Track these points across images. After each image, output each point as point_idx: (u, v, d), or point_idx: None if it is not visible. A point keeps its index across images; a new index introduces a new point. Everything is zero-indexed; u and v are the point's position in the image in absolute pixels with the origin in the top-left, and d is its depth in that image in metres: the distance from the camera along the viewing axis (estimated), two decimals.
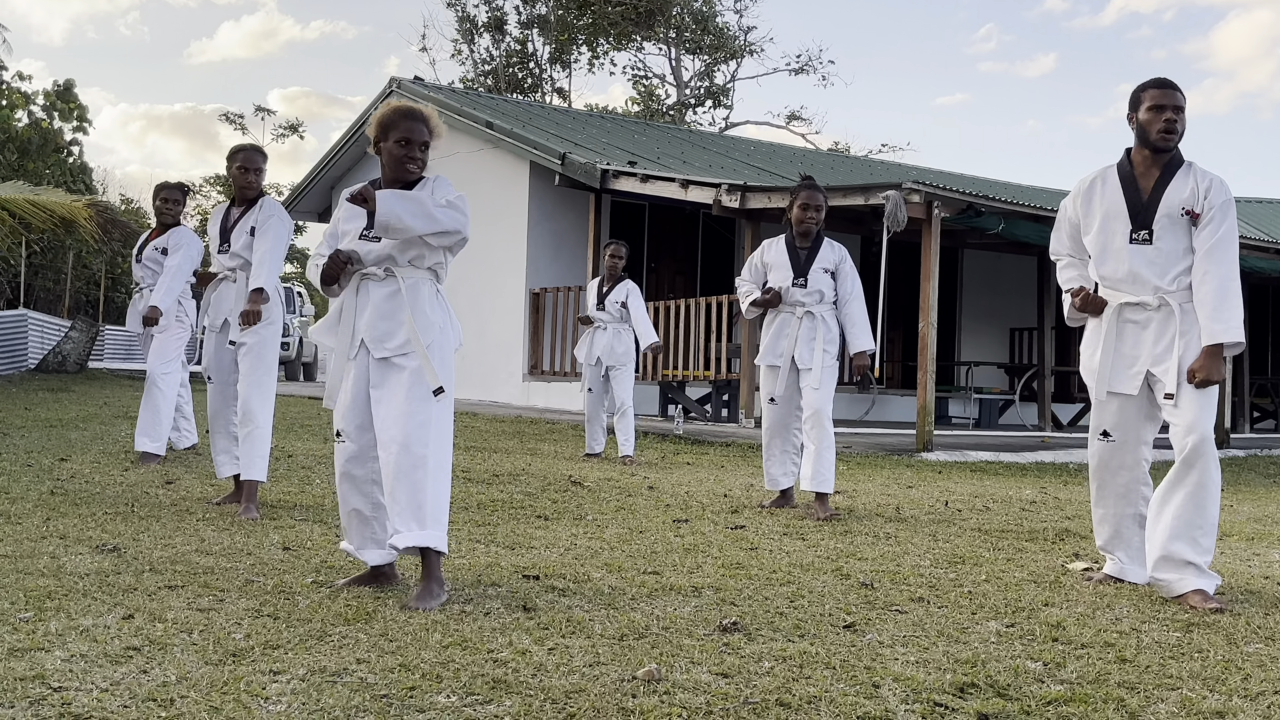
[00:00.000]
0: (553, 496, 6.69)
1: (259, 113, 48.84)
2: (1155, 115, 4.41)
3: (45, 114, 27.56)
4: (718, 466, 9.15)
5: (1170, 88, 4.45)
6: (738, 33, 37.13)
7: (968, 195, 11.35)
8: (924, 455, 10.56)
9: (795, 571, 4.60)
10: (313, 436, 9.96)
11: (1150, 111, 4.42)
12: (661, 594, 4.07)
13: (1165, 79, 4.50)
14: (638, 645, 3.32)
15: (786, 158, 21.45)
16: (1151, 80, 4.51)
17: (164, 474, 6.93)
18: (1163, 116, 4.39)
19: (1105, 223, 4.49)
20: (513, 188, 15.70)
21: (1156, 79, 4.51)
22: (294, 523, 5.36)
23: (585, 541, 5.16)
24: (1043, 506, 7.23)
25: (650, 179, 13.55)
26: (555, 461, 8.88)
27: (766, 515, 6.32)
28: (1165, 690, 3.09)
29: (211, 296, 6.13)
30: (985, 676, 3.12)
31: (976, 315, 17.94)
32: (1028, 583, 4.56)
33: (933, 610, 3.97)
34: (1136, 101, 4.50)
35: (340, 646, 3.20)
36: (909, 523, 6.21)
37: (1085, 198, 4.58)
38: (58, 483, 6.31)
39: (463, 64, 37.88)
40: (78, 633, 3.23)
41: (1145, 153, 4.46)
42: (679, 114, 37.07)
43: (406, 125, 3.98)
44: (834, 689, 2.97)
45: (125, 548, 4.52)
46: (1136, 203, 4.43)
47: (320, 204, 20.12)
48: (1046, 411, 15.06)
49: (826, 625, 3.68)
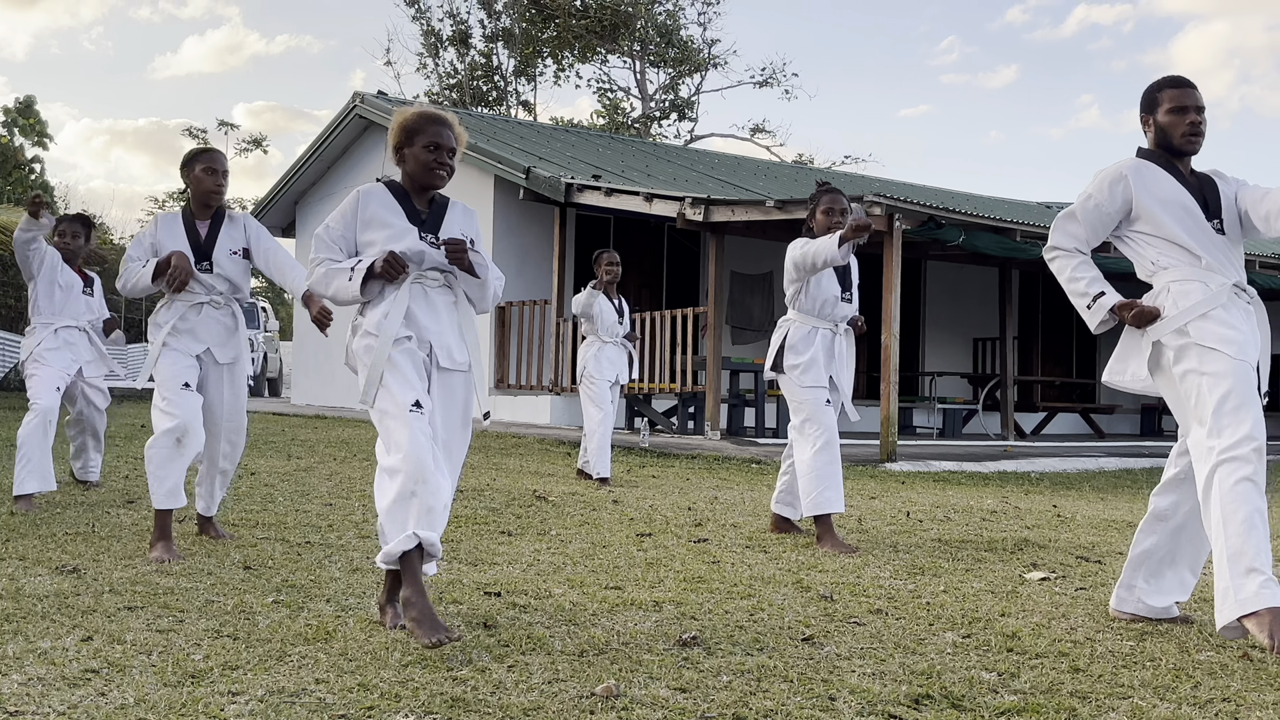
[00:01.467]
0: (517, 511, 6.70)
1: (222, 127, 48.61)
2: (1179, 117, 4.10)
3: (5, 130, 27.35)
4: (683, 479, 9.18)
5: (1190, 86, 4.13)
6: (702, 46, 37.31)
7: (929, 208, 11.46)
8: (887, 465, 10.63)
9: (756, 585, 4.63)
10: (276, 453, 9.92)
11: (1172, 114, 4.10)
12: (622, 609, 4.09)
13: (1183, 77, 4.17)
14: (597, 661, 3.34)
15: (751, 170, 21.56)
16: (1169, 79, 4.18)
17: (125, 493, 6.89)
18: (1187, 119, 4.09)
19: (1172, 209, 4.06)
20: (477, 202, 15.70)
21: (1174, 77, 4.18)
22: (255, 541, 5.34)
23: (548, 557, 5.17)
24: (1003, 516, 7.30)
25: (615, 193, 13.60)
26: (520, 476, 8.89)
27: (729, 528, 6.35)
28: (1116, 699, 3.14)
29: (188, 326, 5.26)
30: (940, 688, 3.16)
31: (940, 326, 18.08)
32: (985, 593, 4.61)
33: (890, 622, 4.02)
34: (1153, 102, 4.17)
35: (299, 667, 3.20)
36: (870, 534, 6.25)
37: (1130, 184, 4.10)
38: (17, 503, 6.26)
39: (427, 78, 37.92)
40: (35, 655, 3.22)
41: (1166, 157, 4.16)
42: (644, 127, 37.18)
43: (434, 130, 3.85)
44: (790, 702, 3.00)
45: (85, 569, 4.50)
46: (1198, 194, 4.09)
47: (284, 218, 20.04)
48: (1009, 421, 15.19)
49: (785, 638, 3.71)
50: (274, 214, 19.89)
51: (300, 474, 8.39)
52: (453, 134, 3.91)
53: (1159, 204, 4.07)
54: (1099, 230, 4.21)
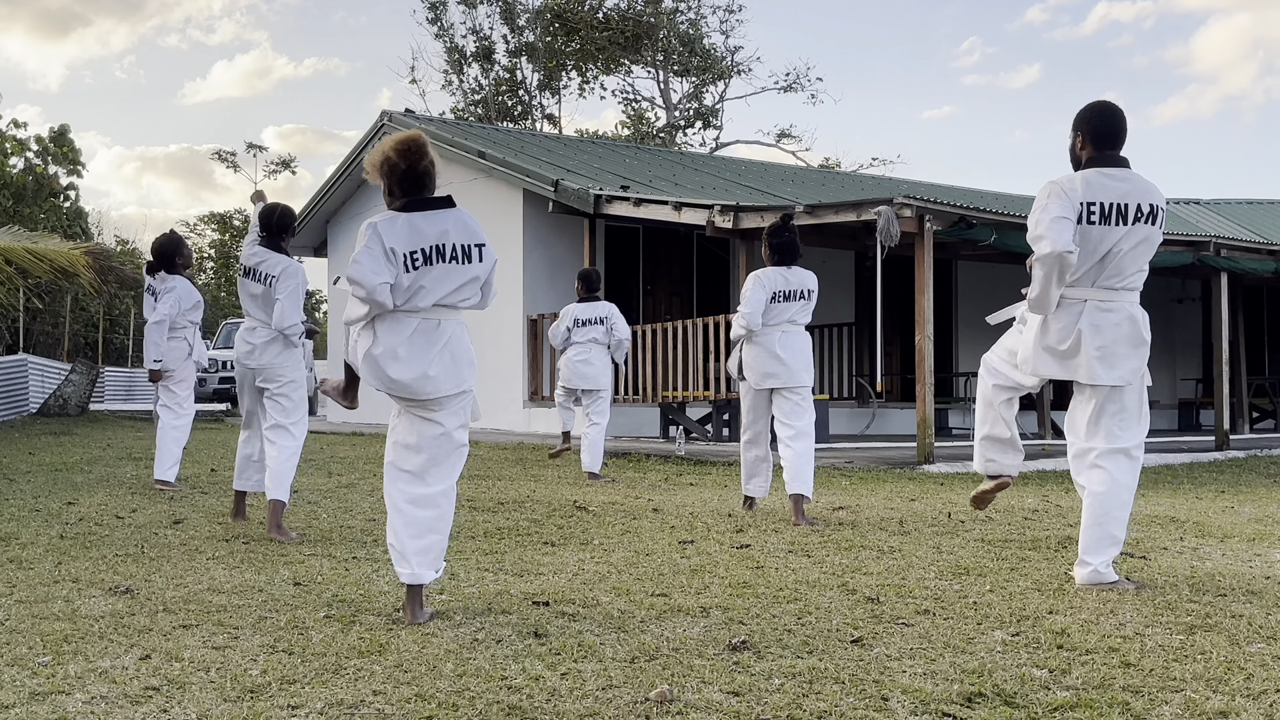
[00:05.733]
0: (558, 522, 6.74)
1: (251, 150, 49.06)
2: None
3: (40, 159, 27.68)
4: (721, 486, 9.20)
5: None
6: (725, 53, 37.37)
7: (959, 208, 11.44)
8: (925, 467, 10.60)
9: (802, 588, 4.65)
10: (317, 471, 10.01)
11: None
12: (670, 615, 4.12)
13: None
14: (649, 667, 3.37)
15: (778, 176, 21.56)
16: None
17: (171, 514, 6.98)
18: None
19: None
20: (507, 216, 15.79)
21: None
22: (303, 558, 5.40)
23: (593, 566, 5.20)
24: (1045, 515, 7.28)
25: (643, 202, 13.64)
26: (559, 487, 8.93)
27: (770, 533, 6.36)
28: (1169, 692, 3.14)
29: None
30: (992, 686, 3.17)
31: (973, 326, 18.01)
32: (1032, 591, 4.60)
33: (939, 622, 4.02)
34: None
35: (356, 679, 3.24)
36: (913, 536, 6.25)
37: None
38: (67, 526, 6.35)
39: (453, 94, 38.12)
40: (96, 675, 3.28)
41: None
42: (669, 136, 37.25)
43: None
44: (844, 703, 3.02)
45: (138, 589, 4.57)
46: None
47: (316, 238, 20.22)
48: (1046, 419, 15.11)
49: (834, 641, 3.73)
50: (305, 234, 20.06)
51: (342, 490, 8.47)
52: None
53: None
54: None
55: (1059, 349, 4.69)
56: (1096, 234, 4.56)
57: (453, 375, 4.08)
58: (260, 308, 6.38)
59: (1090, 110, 4.75)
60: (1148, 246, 4.65)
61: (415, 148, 4.08)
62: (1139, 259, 4.64)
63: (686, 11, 36.70)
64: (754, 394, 7.18)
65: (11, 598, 4.38)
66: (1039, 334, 4.75)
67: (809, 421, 7.05)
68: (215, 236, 45.70)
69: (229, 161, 48.76)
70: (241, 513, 6.65)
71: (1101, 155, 4.67)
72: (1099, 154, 4.68)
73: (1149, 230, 4.61)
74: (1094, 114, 4.73)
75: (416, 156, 4.08)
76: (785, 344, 7.00)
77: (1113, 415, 4.69)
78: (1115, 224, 4.55)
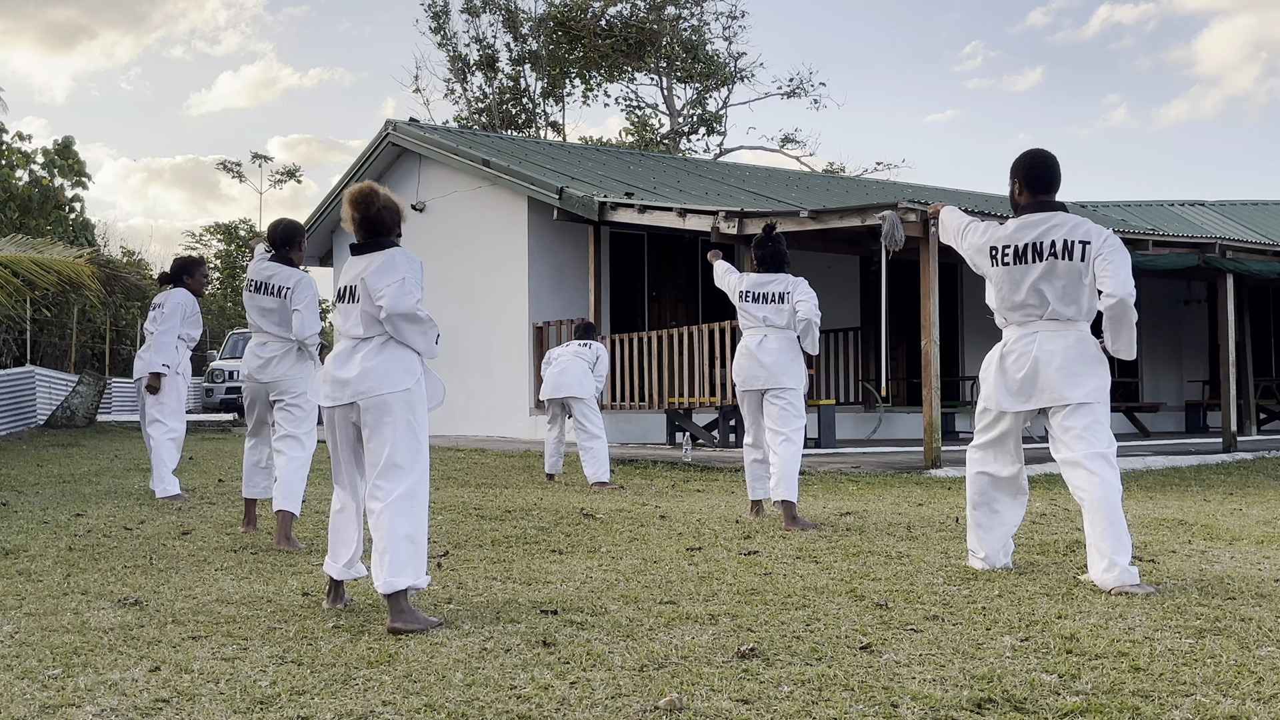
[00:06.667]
0: (566, 530, 6.74)
1: (256, 160, 49.15)
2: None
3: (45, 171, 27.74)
4: (728, 492, 9.19)
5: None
6: (728, 59, 37.41)
7: (965, 212, 11.40)
8: (932, 472, 10.59)
9: (810, 595, 4.65)
10: (323, 481, 10.01)
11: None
12: (679, 623, 4.12)
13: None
14: (658, 675, 3.37)
15: (782, 181, 21.57)
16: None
17: (179, 525, 6.99)
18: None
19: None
20: (512, 223, 15.82)
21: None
22: (311, 568, 5.41)
23: (600, 574, 5.20)
24: (1053, 519, 7.27)
25: (648, 209, 13.65)
26: (566, 494, 8.93)
27: (778, 540, 6.36)
28: (1179, 697, 3.13)
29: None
30: (1002, 691, 3.17)
31: (978, 330, 18.00)
32: (1040, 596, 4.60)
33: (947, 627, 4.02)
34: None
35: (365, 690, 3.25)
36: (921, 541, 6.25)
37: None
38: (75, 538, 6.37)
39: (456, 103, 38.17)
40: (106, 687, 3.28)
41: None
42: (673, 142, 37.28)
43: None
44: (853, 710, 3.01)
45: (147, 600, 4.57)
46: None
47: (321, 248, 20.25)
48: None
49: (843, 647, 3.72)
50: (311, 244, 20.09)
51: None
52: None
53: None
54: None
55: (1018, 378, 5.01)
56: (1017, 272, 4.97)
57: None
58: (274, 322, 6.41)
59: (1025, 159, 5.16)
60: (1074, 279, 4.92)
61: (361, 198, 4.35)
62: (1071, 291, 4.93)
63: (689, 18, 36.75)
64: (746, 398, 7.35)
65: (21, 610, 4.39)
66: (997, 372, 5.08)
67: (796, 427, 7.10)
68: (221, 247, 45.77)
69: (234, 172, 48.87)
70: (252, 521, 6.66)
71: (1036, 201, 5.03)
72: (1034, 199, 5.04)
73: (1069, 264, 4.89)
74: (1029, 162, 5.13)
75: (364, 206, 4.35)
76: (765, 346, 7.16)
77: (1087, 426, 4.94)
78: (1031, 261, 4.92)
